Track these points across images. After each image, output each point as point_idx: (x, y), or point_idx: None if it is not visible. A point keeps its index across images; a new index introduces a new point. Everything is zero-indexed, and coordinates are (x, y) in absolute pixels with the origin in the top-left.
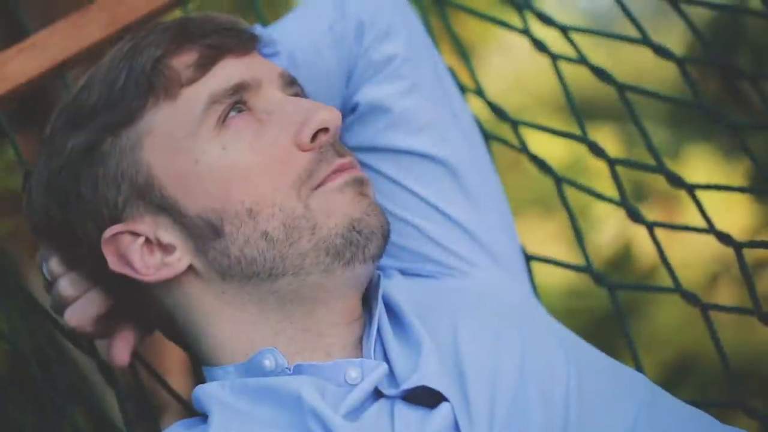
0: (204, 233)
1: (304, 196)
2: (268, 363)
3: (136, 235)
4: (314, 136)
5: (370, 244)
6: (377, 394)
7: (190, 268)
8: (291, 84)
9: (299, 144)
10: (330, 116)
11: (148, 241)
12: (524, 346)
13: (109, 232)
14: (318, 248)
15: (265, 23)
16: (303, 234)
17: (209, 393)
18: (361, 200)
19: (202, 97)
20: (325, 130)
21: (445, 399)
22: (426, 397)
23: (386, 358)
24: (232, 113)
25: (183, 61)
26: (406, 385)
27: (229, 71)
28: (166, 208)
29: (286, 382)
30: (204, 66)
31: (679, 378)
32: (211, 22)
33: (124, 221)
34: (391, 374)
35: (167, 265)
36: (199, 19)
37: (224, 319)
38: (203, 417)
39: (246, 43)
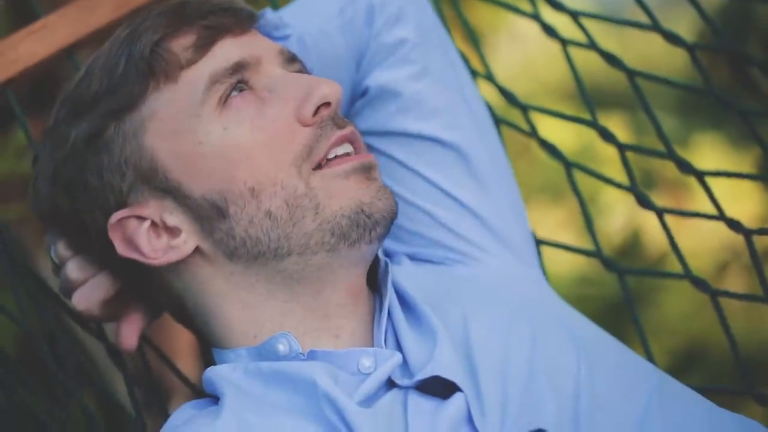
0: (209, 215)
1: (305, 174)
2: (282, 347)
3: (141, 219)
4: (316, 111)
5: (378, 227)
6: (390, 383)
7: (198, 251)
8: (291, 61)
9: (301, 119)
10: (331, 90)
11: (154, 224)
12: (534, 337)
13: (115, 217)
14: (323, 229)
15: (276, 6)
16: (306, 213)
17: (221, 375)
18: (370, 185)
19: (202, 78)
20: (327, 104)
21: (459, 389)
22: (439, 387)
23: (399, 346)
24: (234, 93)
25: (181, 44)
26: (420, 375)
27: (227, 51)
28: (170, 191)
29: (300, 367)
30: (202, 47)
31: (688, 365)
32: (208, 3)
33: (129, 207)
34: (404, 363)
35: (173, 248)
36: (195, 1)
37: (233, 300)
38: (213, 399)
39: (244, 22)
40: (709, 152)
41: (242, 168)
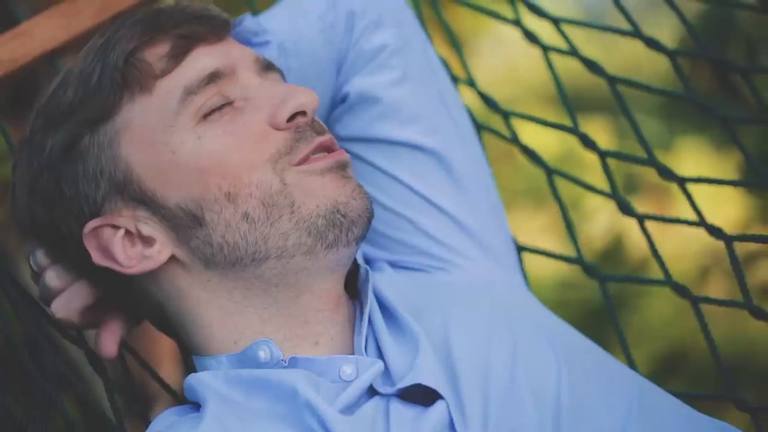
0: (185, 223)
1: (279, 169)
2: (263, 354)
3: (116, 228)
4: (291, 119)
5: (355, 227)
6: (372, 391)
7: (174, 259)
8: (268, 69)
9: (274, 124)
10: (307, 99)
11: (128, 233)
12: (515, 344)
13: (89, 226)
14: (299, 228)
15: (256, 12)
16: (283, 212)
17: (202, 382)
18: (346, 183)
19: (177, 89)
20: (303, 113)
21: (441, 397)
22: (421, 395)
23: (379, 354)
24: (216, 113)
25: (155, 53)
26: (402, 383)
27: (202, 61)
28: (144, 201)
29: (281, 375)
30: (176, 57)
31: (669, 371)
32: (182, 12)
33: (103, 216)
34: (386, 371)
35: (148, 257)
36: (170, 10)
37: (212, 307)
38: (195, 405)
39: (219, 30)
40: (691, 157)
41: (216, 174)
